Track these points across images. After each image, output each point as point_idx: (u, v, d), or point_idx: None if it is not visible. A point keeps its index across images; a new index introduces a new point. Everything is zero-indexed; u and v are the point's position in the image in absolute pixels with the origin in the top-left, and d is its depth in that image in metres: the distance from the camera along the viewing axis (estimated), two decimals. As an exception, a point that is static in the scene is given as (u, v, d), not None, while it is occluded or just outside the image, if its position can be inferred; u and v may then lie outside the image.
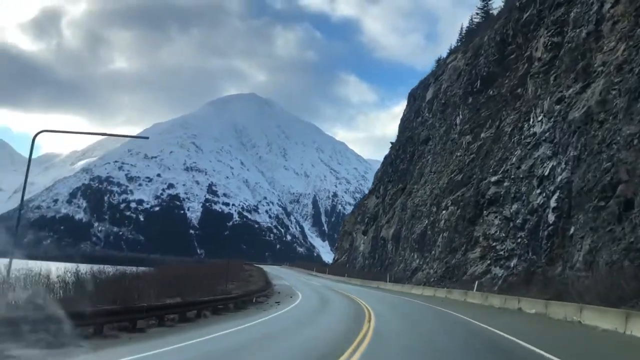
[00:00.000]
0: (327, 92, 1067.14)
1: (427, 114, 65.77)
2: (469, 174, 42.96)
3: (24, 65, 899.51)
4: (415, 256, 49.67)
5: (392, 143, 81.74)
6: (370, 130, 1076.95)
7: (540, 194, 28.56)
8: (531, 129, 34.12)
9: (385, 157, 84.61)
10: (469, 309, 23.45)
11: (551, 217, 25.70)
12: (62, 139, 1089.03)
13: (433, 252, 44.84)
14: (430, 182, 53.97)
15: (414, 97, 76.61)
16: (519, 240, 29.84)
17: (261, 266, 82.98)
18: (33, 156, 14.92)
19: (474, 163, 43.15)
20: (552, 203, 26.06)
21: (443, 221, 44.49)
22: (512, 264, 29.81)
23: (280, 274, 63.09)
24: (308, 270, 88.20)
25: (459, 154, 48.24)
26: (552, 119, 30.42)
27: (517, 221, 30.39)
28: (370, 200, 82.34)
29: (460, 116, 52.50)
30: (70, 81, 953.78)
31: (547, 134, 30.59)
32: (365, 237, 73.99)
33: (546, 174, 28.38)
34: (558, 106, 30.48)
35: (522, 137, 35.05)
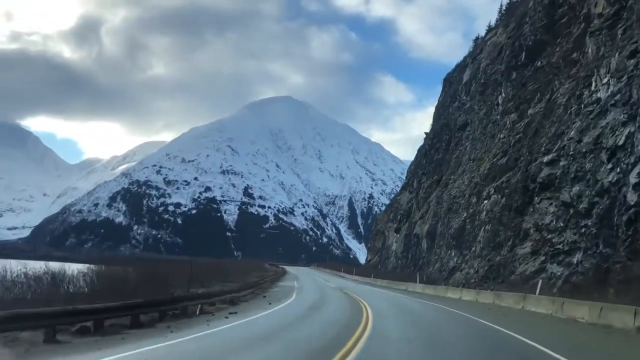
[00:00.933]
0: (362, 93, 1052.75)
1: (464, 97, 59.31)
2: (514, 157, 36.62)
3: (67, 74, 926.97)
4: (453, 254, 43.54)
5: (426, 133, 75.31)
6: (406, 131, 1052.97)
7: (612, 169, 22.25)
8: (593, 95, 27.83)
9: (419, 149, 78.10)
10: (542, 328, 15.47)
11: (632, 197, 19.42)
12: (104, 145, 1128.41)
13: (473, 248, 38.68)
14: (469, 170, 47.67)
15: (450, 82, 70.11)
16: (583, 229, 23.53)
17: (287, 267, 78.41)
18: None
19: (520, 143, 36.79)
20: (632, 179, 19.77)
21: (485, 213, 38.27)
22: (575, 260, 23.51)
23: (300, 275, 58.04)
24: (336, 271, 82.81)
25: (502, 135, 41.87)
26: (625, 77, 24.16)
27: (581, 206, 24.07)
28: (403, 196, 76.16)
29: (503, 94, 46.08)
30: (109, 88, 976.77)
31: (618, 96, 24.29)
32: (398, 235, 67.91)
33: (620, 143, 22.05)
34: (632, 60, 24.21)
35: (582, 106, 28.72)
